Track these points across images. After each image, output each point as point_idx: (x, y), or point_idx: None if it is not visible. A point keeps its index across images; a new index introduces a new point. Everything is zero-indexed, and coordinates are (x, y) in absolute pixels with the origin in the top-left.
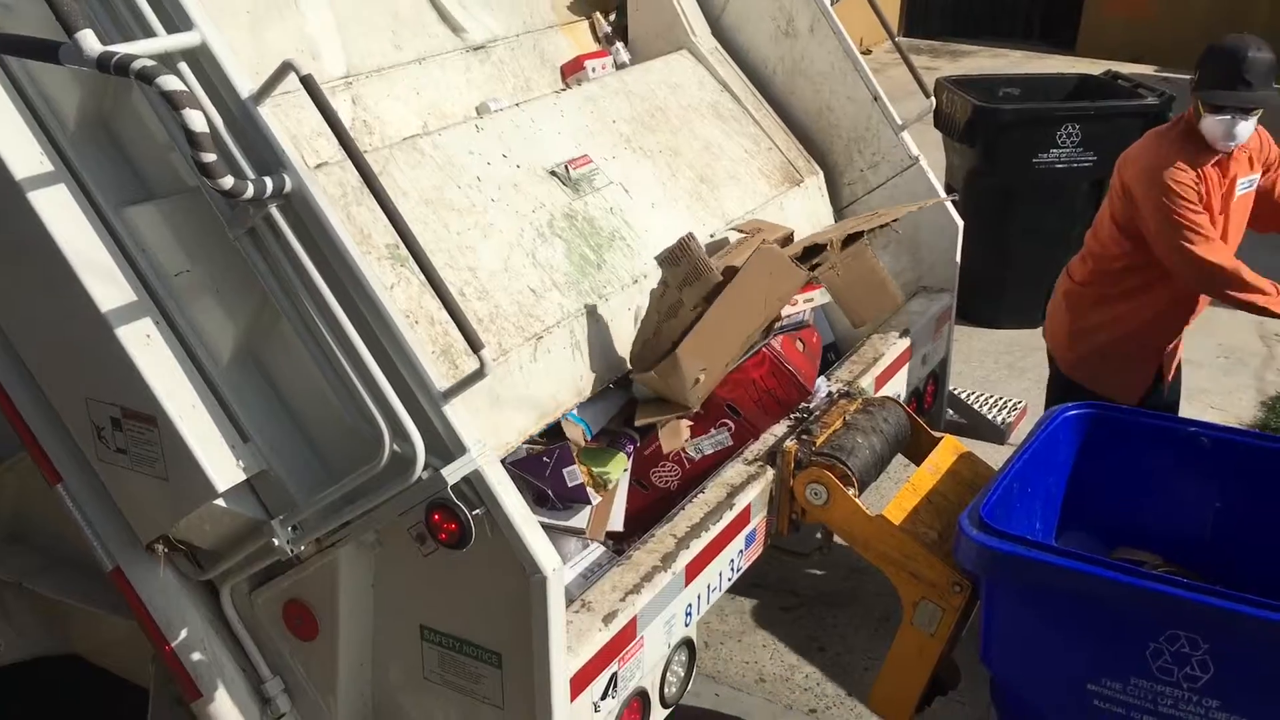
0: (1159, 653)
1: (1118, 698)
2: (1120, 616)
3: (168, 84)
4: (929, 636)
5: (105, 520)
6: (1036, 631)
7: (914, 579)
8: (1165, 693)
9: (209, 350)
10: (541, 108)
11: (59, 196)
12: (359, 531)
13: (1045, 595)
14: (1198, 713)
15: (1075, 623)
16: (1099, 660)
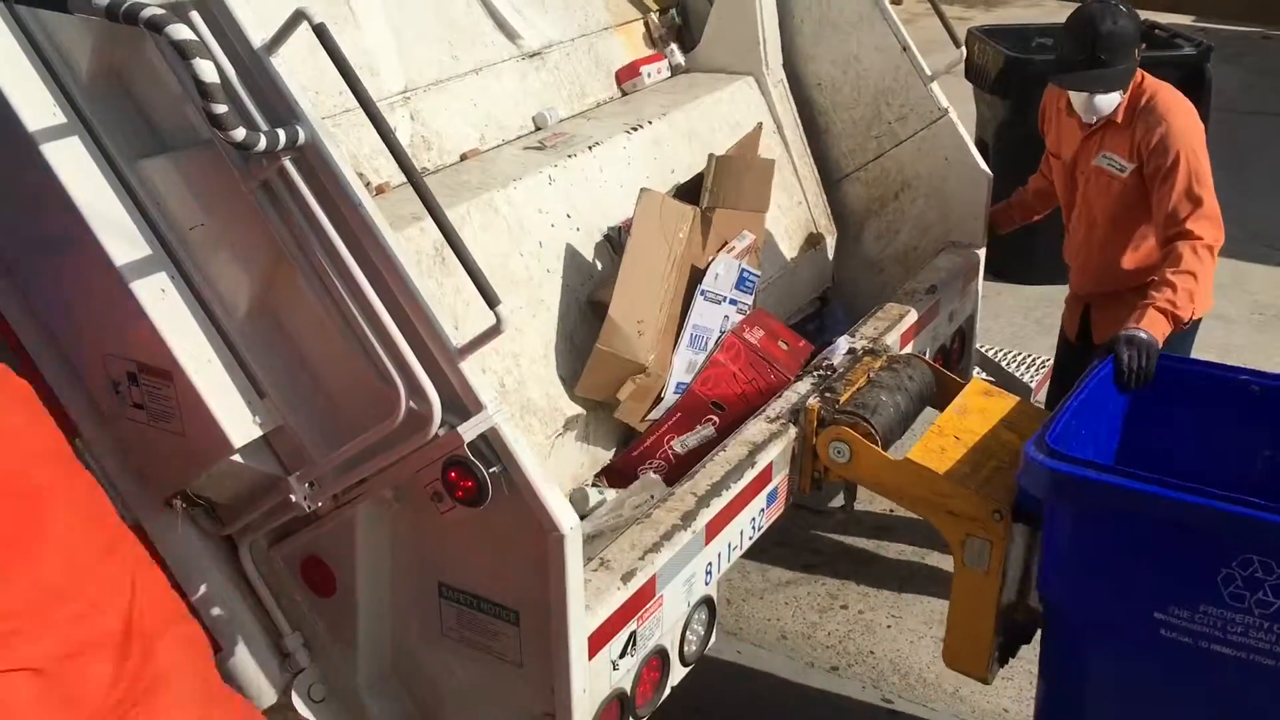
0: (1231, 578)
1: (1186, 626)
2: (1192, 540)
3: (177, 33)
4: (983, 574)
5: (123, 475)
6: (1102, 559)
7: (953, 517)
8: (1235, 620)
9: (225, 305)
10: (611, 153)
11: (72, 149)
12: (376, 488)
13: (1114, 520)
14: (1268, 640)
15: (1144, 549)
16: (1167, 588)
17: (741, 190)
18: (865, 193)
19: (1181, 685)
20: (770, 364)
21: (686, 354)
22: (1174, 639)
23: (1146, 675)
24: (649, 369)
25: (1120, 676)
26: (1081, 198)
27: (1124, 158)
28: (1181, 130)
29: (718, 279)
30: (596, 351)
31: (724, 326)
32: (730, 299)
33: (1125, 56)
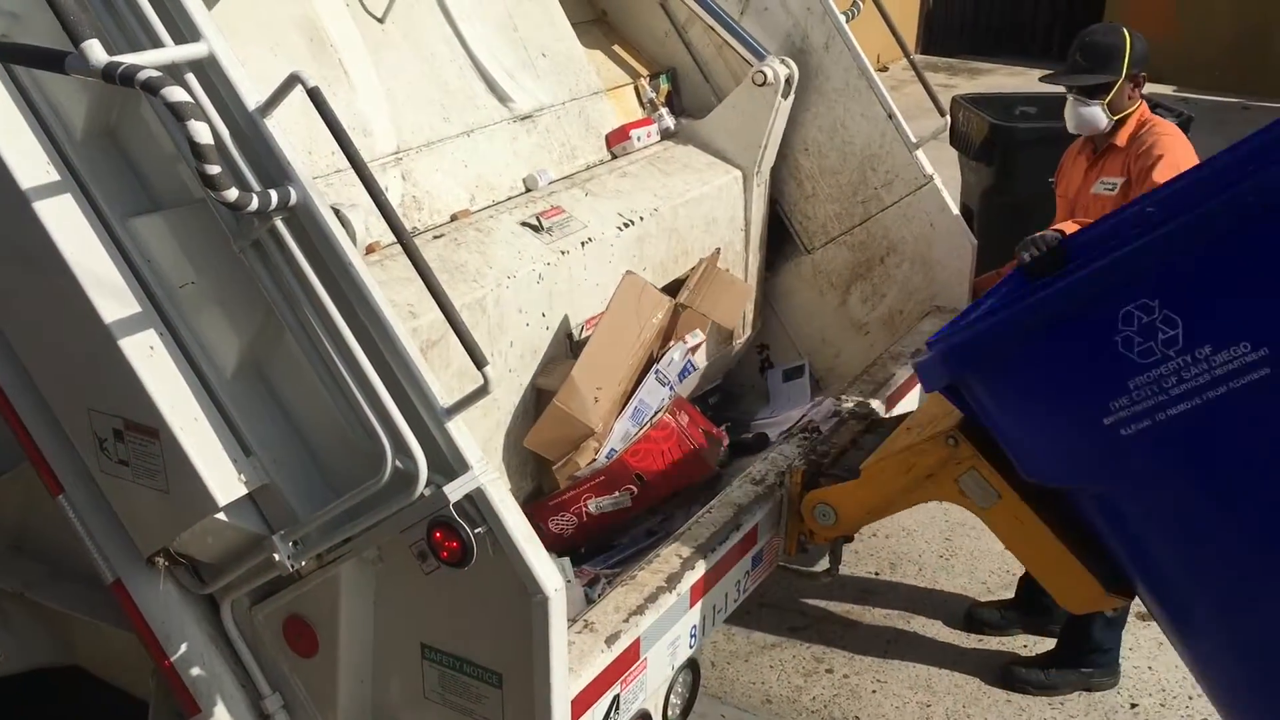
0: (1129, 340)
1: (1136, 412)
2: (1079, 328)
3: (172, 95)
4: (1004, 503)
5: (106, 532)
6: (1029, 402)
7: (934, 478)
8: (1164, 374)
9: (213, 363)
10: (599, 250)
11: (65, 206)
12: (360, 548)
13: (1015, 361)
14: (1202, 370)
15: (1050, 367)
16: (1093, 386)
17: (718, 303)
18: (851, 256)
19: (1175, 468)
20: (696, 450)
21: (626, 424)
22: (1138, 430)
23: (1140, 486)
24: (597, 434)
25: (1121, 503)
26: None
27: (1116, 176)
28: (1171, 145)
29: (671, 364)
30: (552, 407)
31: (660, 405)
32: (672, 384)
33: (1106, 66)
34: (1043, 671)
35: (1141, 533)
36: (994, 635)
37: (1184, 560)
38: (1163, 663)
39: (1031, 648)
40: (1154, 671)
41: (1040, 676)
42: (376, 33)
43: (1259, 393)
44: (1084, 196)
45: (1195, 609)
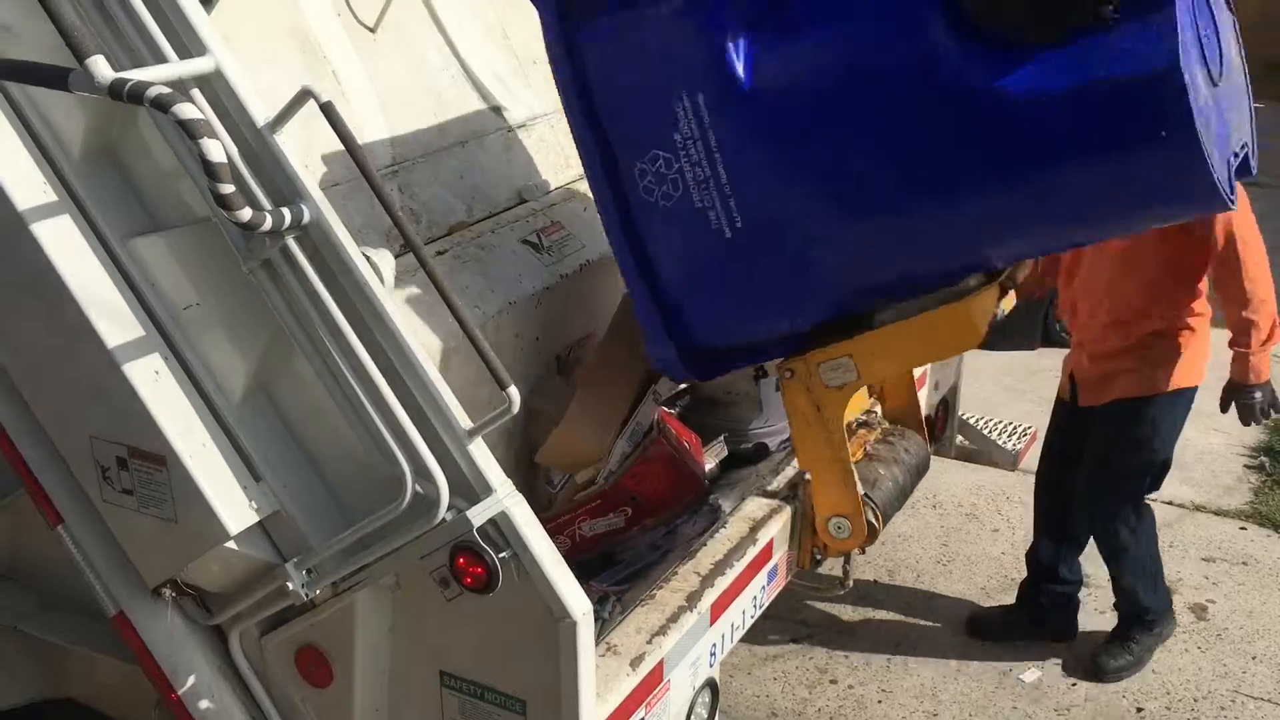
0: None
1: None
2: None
3: (184, 112)
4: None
5: (109, 563)
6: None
7: (815, 406)
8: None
9: (220, 386)
10: (597, 273)
11: (63, 227)
12: (378, 574)
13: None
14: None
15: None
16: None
17: None
18: None
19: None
20: (694, 474)
21: (623, 444)
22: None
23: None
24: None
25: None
26: (1110, 256)
27: None
28: None
29: (666, 383)
30: (567, 422)
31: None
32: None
33: None
34: (1124, 649)
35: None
36: (998, 641)
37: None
38: (1166, 665)
39: (1035, 652)
40: (1158, 675)
41: (1128, 657)
42: (368, 42)
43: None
44: None
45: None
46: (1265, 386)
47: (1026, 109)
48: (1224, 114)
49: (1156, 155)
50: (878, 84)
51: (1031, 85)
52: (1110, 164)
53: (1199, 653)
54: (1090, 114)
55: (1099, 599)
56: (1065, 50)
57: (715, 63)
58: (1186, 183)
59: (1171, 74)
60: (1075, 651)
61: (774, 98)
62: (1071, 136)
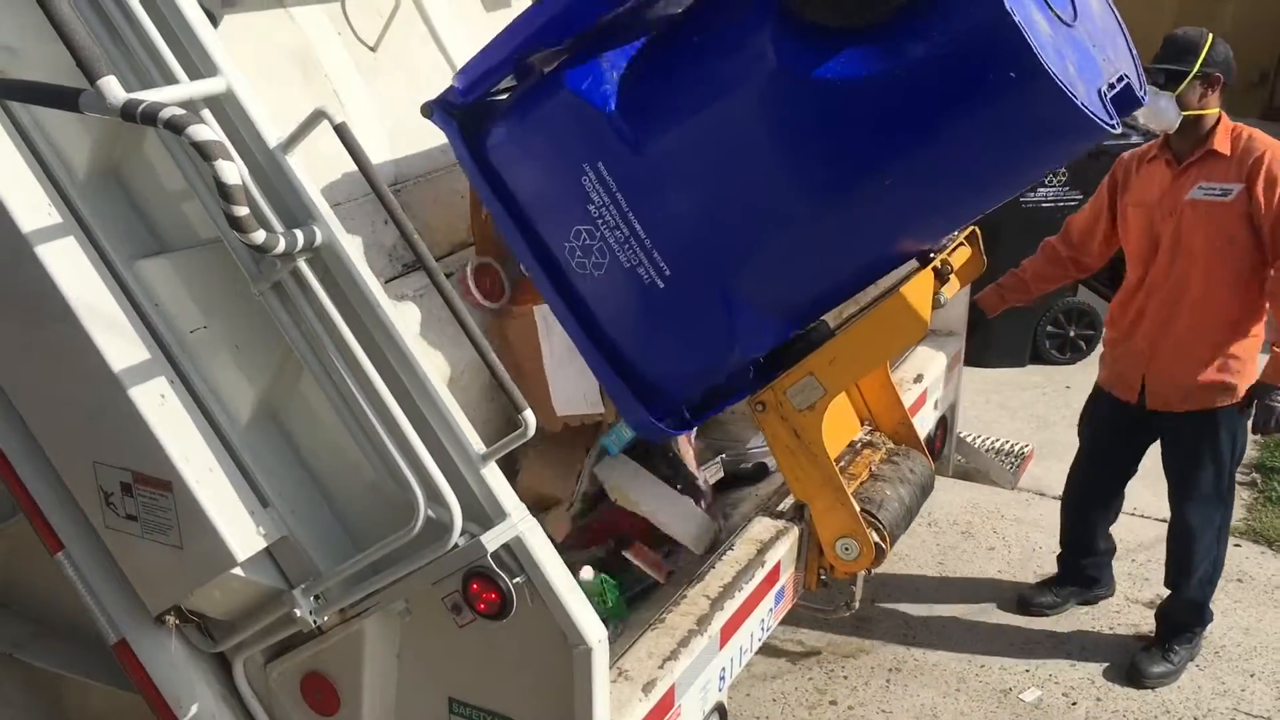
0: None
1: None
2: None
3: (199, 134)
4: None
5: (110, 590)
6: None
7: (793, 432)
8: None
9: (226, 410)
10: None
11: (68, 249)
12: (387, 600)
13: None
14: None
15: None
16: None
17: None
18: None
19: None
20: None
21: (584, 485)
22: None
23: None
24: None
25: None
26: (1171, 238)
27: (1227, 182)
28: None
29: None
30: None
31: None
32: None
33: (1180, 59)
34: (1165, 657)
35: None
36: (1051, 614)
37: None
38: (1166, 685)
39: (1033, 671)
40: (1157, 694)
41: (1169, 665)
42: (369, 60)
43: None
44: (1173, 203)
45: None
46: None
47: (886, 92)
48: (1086, 50)
49: (1016, 98)
50: (741, 108)
51: (884, 68)
52: (981, 120)
53: (1197, 670)
54: (944, 78)
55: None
56: (905, 25)
57: (604, 129)
58: (1054, 117)
59: (1001, 17)
60: (1076, 672)
61: (662, 144)
62: (935, 105)
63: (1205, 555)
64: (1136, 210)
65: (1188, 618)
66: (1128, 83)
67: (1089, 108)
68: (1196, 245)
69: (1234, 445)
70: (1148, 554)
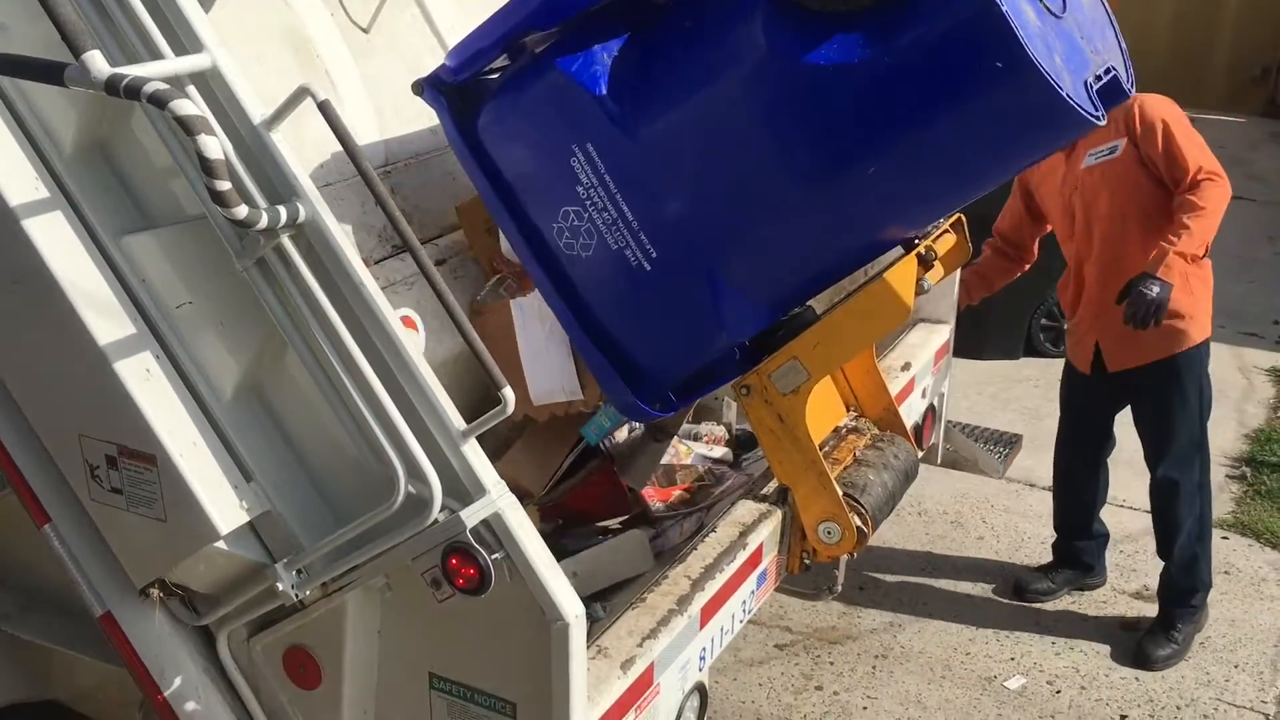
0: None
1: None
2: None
3: (182, 108)
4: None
5: (96, 563)
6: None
7: (777, 416)
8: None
9: (211, 385)
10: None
11: (55, 224)
12: (368, 575)
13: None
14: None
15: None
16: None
17: None
18: None
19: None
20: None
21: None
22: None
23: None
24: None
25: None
26: (1083, 209)
27: (1110, 140)
28: (1156, 104)
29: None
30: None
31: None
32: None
33: None
34: (1168, 639)
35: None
36: (1047, 600)
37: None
38: (1149, 673)
39: (1018, 659)
40: (1141, 683)
41: (1174, 646)
42: (361, 42)
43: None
44: (1072, 178)
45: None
46: (1165, 285)
47: (872, 78)
48: (1074, 41)
49: (1002, 88)
50: (730, 93)
51: (870, 55)
52: (966, 109)
53: (1183, 661)
54: (930, 66)
55: (1107, 601)
56: (893, 12)
57: (594, 111)
58: (1040, 107)
59: (987, 7)
60: (1060, 660)
61: (651, 127)
62: (921, 93)
63: (1189, 509)
64: (1051, 200)
65: (1184, 582)
66: (1115, 75)
67: (1074, 99)
68: (1103, 206)
69: (1201, 391)
70: (1135, 545)
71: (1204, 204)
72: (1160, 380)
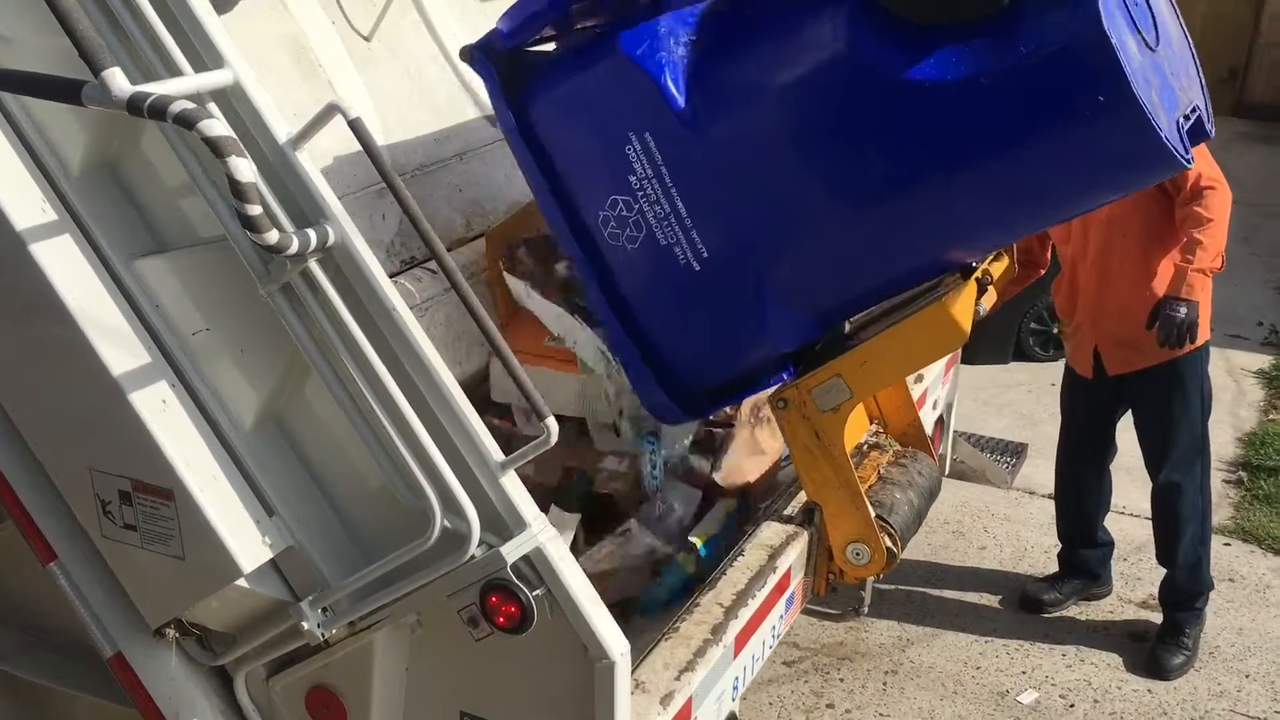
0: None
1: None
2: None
3: (211, 129)
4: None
5: (106, 602)
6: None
7: (812, 432)
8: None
9: (230, 416)
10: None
11: (63, 248)
12: (399, 613)
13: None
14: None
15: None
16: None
17: None
18: None
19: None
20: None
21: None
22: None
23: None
24: None
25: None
26: (1096, 226)
27: None
28: None
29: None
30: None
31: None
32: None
33: None
34: (1179, 646)
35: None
36: (1054, 611)
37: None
38: (1162, 685)
39: (1030, 673)
40: (1154, 695)
41: (1185, 654)
42: (363, 51)
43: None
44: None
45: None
46: (1193, 305)
47: (963, 97)
48: (1166, 78)
49: (1099, 122)
50: (813, 96)
51: (964, 72)
52: (1057, 139)
53: (1194, 672)
54: (1027, 91)
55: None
56: (992, 31)
57: (658, 101)
58: (1135, 146)
59: (1098, 38)
60: (1072, 673)
61: (718, 124)
62: (1012, 117)
63: (1192, 512)
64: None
65: (1189, 587)
66: (1199, 114)
67: (1170, 141)
68: (1102, 210)
69: (1202, 393)
70: (1139, 554)
71: (1210, 215)
72: (1163, 383)
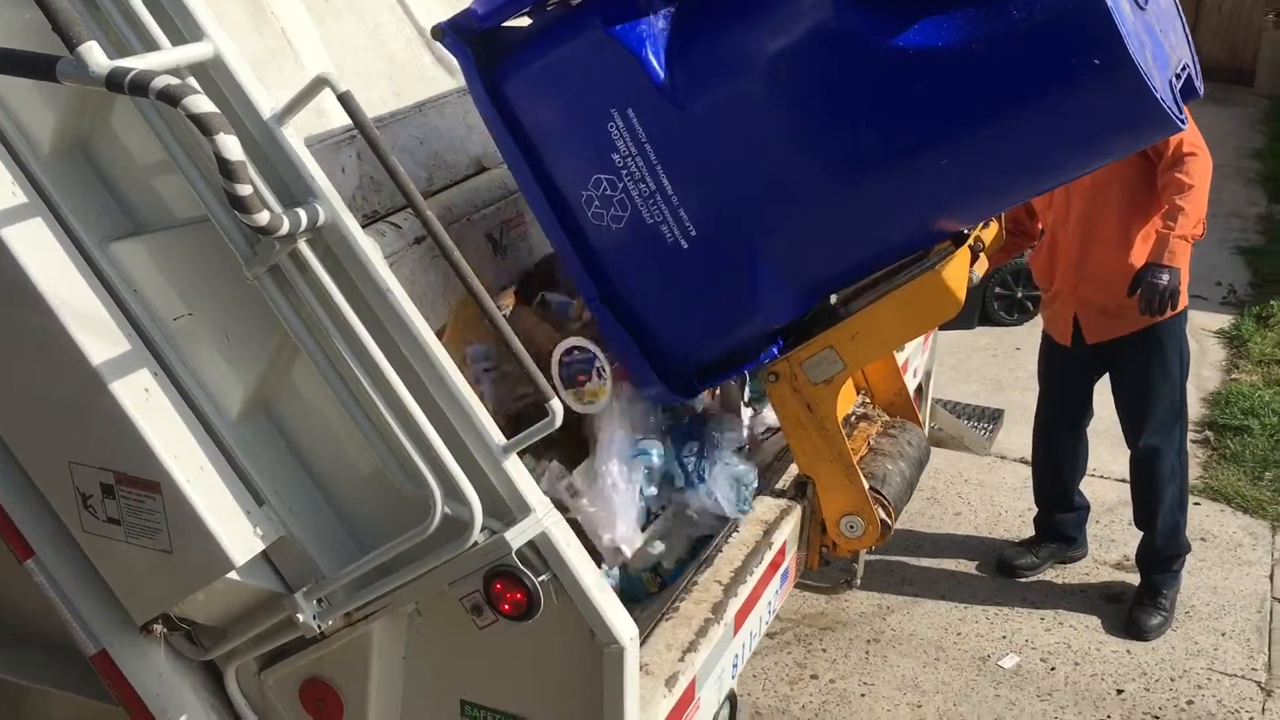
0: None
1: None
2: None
3: (197, 105)
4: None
5: (88, 599)
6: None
7: (804, 405)
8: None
9: (216, 404)
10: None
11: (35, 231)
12: (398, 602)
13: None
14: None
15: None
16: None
17: None
18: None
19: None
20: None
21: None
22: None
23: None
24: None
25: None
26: (1077, 192)
27: None
28: None
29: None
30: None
31: None
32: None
33: None
34: (1156, 607)
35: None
36: (1031, 575)
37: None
38: (1140, 646)
39: (1010, 637)
40: (1133, 655)
41: (1162, 614)
42: (319, 2)
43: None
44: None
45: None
46: (1175, 271)
47: (954, 63)
48: (1157, 36)
49: (1095, 85)
50: (801, 65)
51: (955, 38)
52: (1050, 104)
53: (1171, 632)
54: (1019, 56)
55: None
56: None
57: (640, 77)
58: (1131, 108)
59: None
60: (1051, 636)
61: (702, 97)
62: (1005, 83)
63: (1171, 477)
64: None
65: (1168, 550)
66: (1189, 72)
67: (1165, 102)
68: (1085, 178)
69: (1181, 358)
70: (1111, 515)
71: (1191, 181)
72: (1142, 349)
